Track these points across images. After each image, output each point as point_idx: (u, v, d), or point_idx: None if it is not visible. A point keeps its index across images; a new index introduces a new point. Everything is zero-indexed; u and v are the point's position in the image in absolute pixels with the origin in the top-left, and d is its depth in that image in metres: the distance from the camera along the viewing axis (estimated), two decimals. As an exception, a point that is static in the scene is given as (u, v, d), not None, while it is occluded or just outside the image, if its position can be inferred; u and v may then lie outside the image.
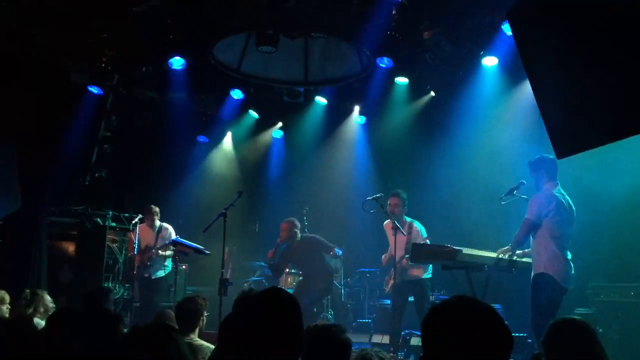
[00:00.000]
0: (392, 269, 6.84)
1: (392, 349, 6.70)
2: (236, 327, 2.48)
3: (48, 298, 5.14)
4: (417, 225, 6.95)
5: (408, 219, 6.98)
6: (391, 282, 6.92)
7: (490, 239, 6.20)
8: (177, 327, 3.61)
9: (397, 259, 6.69)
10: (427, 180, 8.00)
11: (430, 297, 7.00)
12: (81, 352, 2.92)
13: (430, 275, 6.89)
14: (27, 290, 5.22)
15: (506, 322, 1.67)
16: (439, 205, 7.33)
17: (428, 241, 6.77)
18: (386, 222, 7.04)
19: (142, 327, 2.27)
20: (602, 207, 6.45)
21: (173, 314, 4.46)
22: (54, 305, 5.13)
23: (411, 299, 6.96)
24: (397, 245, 6.63)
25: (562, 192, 5.35)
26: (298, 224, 7.74)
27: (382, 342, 7.10)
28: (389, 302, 8.04)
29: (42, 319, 4.61)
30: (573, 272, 5.26)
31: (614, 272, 6.50)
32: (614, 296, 6.25)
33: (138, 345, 2.01)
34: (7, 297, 5.20)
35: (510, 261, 5.71)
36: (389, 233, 6.92)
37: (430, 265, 6.82)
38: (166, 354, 2.07)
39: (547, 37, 3.75)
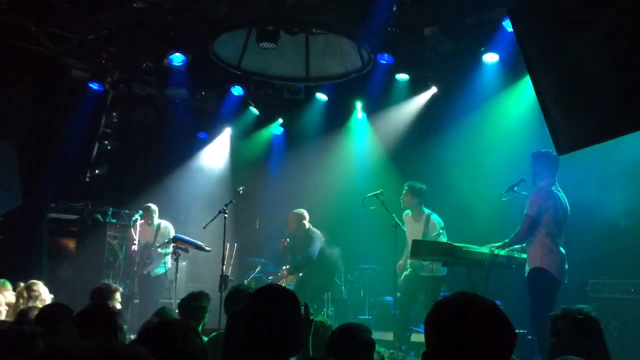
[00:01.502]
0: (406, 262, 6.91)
1: (396, 344, 6.70)
2: (238, 323, 2.49)
3: (45, 290, 5.10)
4: (434, 217, 6.98)
5: (426, 211, 7.02)
6: (403, 275, 6.97)
7: (491, 235, 6.20)
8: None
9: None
10: (427, 177, 7.99)
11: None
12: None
13: (445, 273, 6.78)
14: (22, 285, 5.16)
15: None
16: (439, 201, 7.33)
17: (441, 233, 6.79)
18: (404, 214, 7.10)
19: (165, 322, 2.26)
20: (603, 203, 6.46)
21: (172, 310, 4.46)
22: (52, 296, 5.10)
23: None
24: (412, 237, 6.70)
25: (559, 189, 5.40)
26: (307, 215, 7.85)
27: (383, 338, 7.11)
28: (389, 298, 8.06)
29: None
30: (567, 266, 5.30)
31: (614, 268, 6.51)
32: (614, 293, 6.26)
33: (161, 339, 2.01)
34: (8, 285, 5.20)
35: (510, 257, 5.73)
36: (406, 224, 6.98)
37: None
38: (189, 350, 2.07)
39: (548, 35, 3.75)
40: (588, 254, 6.31)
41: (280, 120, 10.34)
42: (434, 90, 8.61)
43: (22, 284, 5.10)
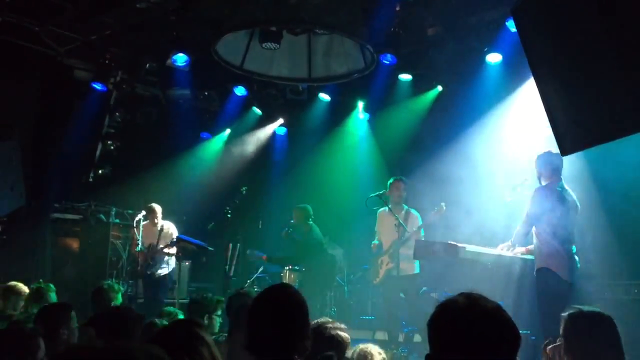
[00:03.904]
0: (382, 259, 6.96)
1: (393, 345, 6.73)
2: (241, 324, 2.47)
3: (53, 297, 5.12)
4: (414, 211, 7.14)
5: (405, 207, 7.12)
6: (382, 272, 7.02)
7: (495, 235, 6.19)
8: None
9: (390, 248, 6.81)
10: (430, 177, 7.99)
11: (433, 294, 7.06)
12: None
13: (419, 271, 6.99)
14: (33, 287, 5.23)
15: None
16: (443, 201, 7.32)
17: (421, 227, 6.96)
18: (382, 210, 7.12)
19: (169, 325, 2.26)
20: (607, 204, 6.44)
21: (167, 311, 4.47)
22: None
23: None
24: (391, 235, 6.85)
25: (565, 187, 5.34)
26: (311, 212, 7.88)
27: (385, 338, 7.11)
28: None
29: None
30: (579, 265, 5.24)
31: (618, 269, 6.49)
32: (618, 294, 6.24)
33: (165, 343, 1.99)
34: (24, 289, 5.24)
35: (514, 257, 5.71)
36: (385, 222, 7.03)
37: (417, 261, 6.90)
38: (197, 353, 2.06)
39: (552, 34, 3.74)
40: (591, 255, 6.29)
41: (283, 120, 10.34)
42: (437, 90, 8.60)
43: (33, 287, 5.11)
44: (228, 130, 10.43)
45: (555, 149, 4.59)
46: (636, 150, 6.04)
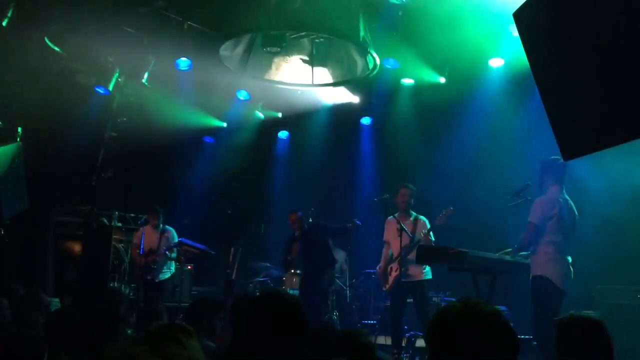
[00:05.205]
0: (391, 266, 6.89)
1: (395, 351, 6.69)
2: (241, 330, 2.47)
3: (44, 297, 5.07)
4: (422, 217, 6.99)
5: (413, 214, 7.02)
6: (391, 279, 6.93)
7: (497, 240, 6.17)
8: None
9: (399, 257, 6.74)
10: (433, 182, 7.98)
11: (435, 298, 7.02)
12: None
13: (430, 277, 6.87)
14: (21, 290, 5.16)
15: (512, 324, 1.65)
16: (445, 207, 7.30)
17: (431, 234, 6.81)
18: (389, 218, 7.05)
19: (150, 332, 2.24)
20: (609, 210, 6.43)
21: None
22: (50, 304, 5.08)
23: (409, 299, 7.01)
24: (402, 242, 6.68)
25: (566, 197, 5.35)
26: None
27: (387, 343, 7.09)
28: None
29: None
30: (572, 275, 5.27)
31: (620, 274, 6.47)
32: (620, 299, 6.22)
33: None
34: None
35: (517, 263, 5.70)
36: (391, 229, 6.95)
37: (428, 267, 6.83)
38: None
39: (554, 39, 3.74)
40: (594, 260, 6.28)
41: (286, 124, 10.35)
42: (440, 94, 8.59)
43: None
44: (230, 134, 10.44)
45: (558, 153, 4.60)
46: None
